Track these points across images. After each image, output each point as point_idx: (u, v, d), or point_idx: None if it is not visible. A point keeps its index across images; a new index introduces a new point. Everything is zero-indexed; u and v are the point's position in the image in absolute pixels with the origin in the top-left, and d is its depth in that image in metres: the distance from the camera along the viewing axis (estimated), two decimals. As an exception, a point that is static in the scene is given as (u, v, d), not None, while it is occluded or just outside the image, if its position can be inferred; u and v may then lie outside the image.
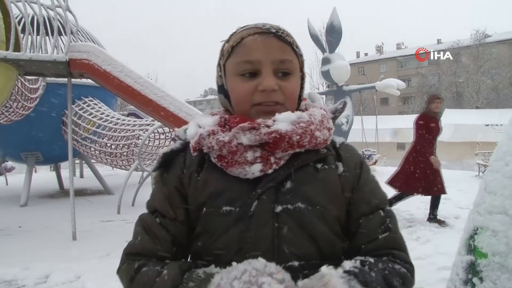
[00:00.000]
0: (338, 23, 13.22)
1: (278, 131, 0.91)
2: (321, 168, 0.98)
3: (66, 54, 5.67)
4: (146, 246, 0.96)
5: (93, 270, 4.40)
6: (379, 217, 0.98)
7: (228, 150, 0.92)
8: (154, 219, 0.99)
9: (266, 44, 0.97)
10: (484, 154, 13.63)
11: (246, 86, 0.97)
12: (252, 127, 0.91)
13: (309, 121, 0.95)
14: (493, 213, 1.19)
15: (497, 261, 1.13)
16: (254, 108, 0.97)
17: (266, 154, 0.92)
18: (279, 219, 0.91)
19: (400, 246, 0.97)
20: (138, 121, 9.39)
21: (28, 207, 8.70)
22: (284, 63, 0.98)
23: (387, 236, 0.96)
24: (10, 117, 7.66)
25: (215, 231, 0.93)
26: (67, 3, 5.90)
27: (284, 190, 0.94)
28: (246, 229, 0.91)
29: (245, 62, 0.97)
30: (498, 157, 1.29)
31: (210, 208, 0.94)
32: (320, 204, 0.94)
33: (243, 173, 0.93)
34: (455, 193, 8.98)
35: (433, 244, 5.20)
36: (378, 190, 1.04)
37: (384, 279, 0.87)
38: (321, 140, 0.97)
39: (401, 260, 0.93)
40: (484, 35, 46.08)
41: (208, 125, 0.97)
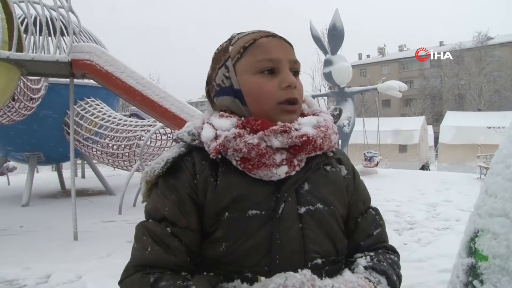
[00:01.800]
0: (340, 24, 13.23)
1: (307, 135, 0.95)
2: (330, 170, 1.04)
3: (69, 55, 5.69)
4: (159, 258, 0.91)
5: (94, 270, 4.40)
6: (371, 215, 1.09)
7: (257, 153, 0.92)
8: (164, 228, 0.94)
9: (282, 44, 1.02)
10: (486, 157, 13.61)
11: (269, 83, 0.98)
12: (284, 130, 0.93)
13: (326, 125, 1.01)
14: (494, 215, 1.19)
15: (498, 264, 1.13)
16: (278, 107, 0.98)
17: (291, 157, 0.96)
18: (302, 220, 0.95)
19: (387, 238, 1.10)
20: (140, 122, 9.41)
21: (29, 207, 8.72)
22: (296, 63, 1.03)
23: (379, 231, 1.08)
24: (12, 117, 7.68)
25: (241, 235, 0.91)
26: (70, 3, 5.92)
27: (303, 192, 0.97)
28: (274, 230, 0.92)
29: (267, 60, 0.99)
30: (499, 160, 1.29)
31: (234, 213, 0.92)
32: (333, 204, 1.00)
33: (269, 175, 0.93)
34: (456, 196, 8.96)
35: (434, 246, 5.19)
36: (367, 191, 1.15)
37: (390, 266, 1.00)
38: (334, 144, 1.03)
39: (392, 251, 1.08)
40: (487, 37, 46.01)
41: (226, 127, 0.96)
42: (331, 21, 13.39)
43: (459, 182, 12.05)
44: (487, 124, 19.55)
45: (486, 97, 41.74)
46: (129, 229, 6.35)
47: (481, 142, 17.45)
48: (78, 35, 7.52)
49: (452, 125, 21.29)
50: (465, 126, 20.53)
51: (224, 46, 1.07)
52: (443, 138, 21.52)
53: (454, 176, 13.79)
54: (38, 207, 8.64)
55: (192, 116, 5.58)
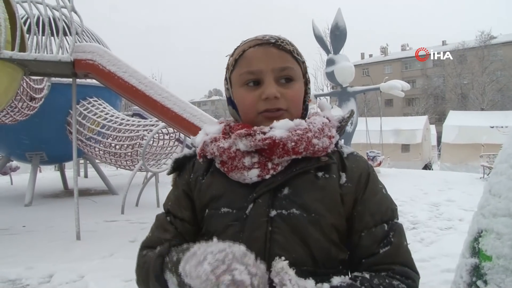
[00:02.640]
0: (343, 24, 13.21)
1: (272, 138, 0.94)
2: (322, 176, 0.99)
3: (71, 55, 5.69)
4: (156, 240, 1.03)
5: (97, 270, 4.41)
6: (382, 231, 0.97)
7: (228, 156, 0.97)
8: (165, 217, 1.07)
9: (266, 54, 1.01)
10: (489, 156, 13.58)
11: (250, 95, 1.01)
12: (248, 133, 0.95)
13: (307, 128, 0.98)
14: (498, 215, 1.19)
15: (502, 264, 1.13)
16: (260, 116, 1.01)
17: (264, 160, 0.96)
18: (273, 223, 0.94)
19: (403, 260, 0.95)
20: (142, 122, 9.41)
21: (32, 206, 8.73)
22: (284, 70, 1.02)
23: (388, 250, 0.94)
24: (15, 117, 7.70)
25: (215, 231, 0.98)
26: (72, 3, 5.92)
27: (281, 196, 0.96)
28: (240, 230, 0.95)
29: (248, 73, 1.02)
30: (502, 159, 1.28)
31: (211, 210, 1.00)
32: (316, 211, 0.95)
33: (242, 177, 0.97)
34: (459, 195, 8.95)
35: (437, 246, 5.19)
36: (385, 202, 1.02)
37: None
38: (320, 148, 0.97)
39: (402, 276, 0.92)
40: (489, 36, 45.90)
41: (213, 132, 1.03)
42: (333, 21, 13.36)
43: (462, 181, 12.04)
44: (490, 123, 19.51)
45: (489, 96, 41.62)
46: (131, 229, 6.37)
47: (484, 142, 17.40)
48: (80, 35, 7.52)
49: (454, 124, 21.26)
50: (468, 125, 20.50)
51: (229, 56, 1.10)
52: (446, 137, 21.49)
53: (457, 176, 13.78)
54: (40, 207, 8.66)
55: (195, 115, 5.58)
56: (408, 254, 0.98)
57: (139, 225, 6.53)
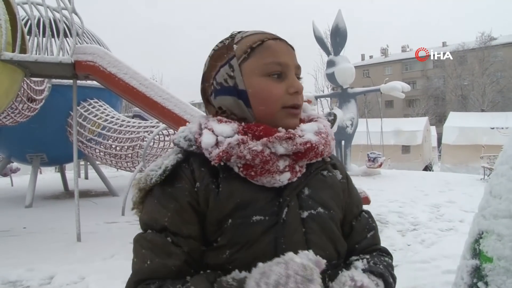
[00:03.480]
0: (343, 25, 13.23)
1: (311, 141, 0.96)
2: (327, 174, 1.06)
3: (72, 56, 5.69)
4: (159, 270, 0.88)
5: (98, 271, 4.40)
6: (364, 218, 1.12)
7: (261, 160, 0.91)
8: (164, 238, 0.91)
9: (288, 49, 1.02)
10: (489, 157, 13.57)
11: (277, 87, 0.97)
12: (289, 137, 0.94)
13: (327, 131, 1.03)
14: (499, 217, 1.19)
15: (503, 266, 1.13)
16: (283, 111, 0.98)
17: (293, 163, 0.96)
18: (305, 224, 0.96)
19: (380, 240, 1.13)
20: (143, 123, 9.42)
21: (33, 208, 8.73)
22: (299, 69, 1.04)
23: (373, 234, 1.10)
24: (16, 119, 7.70)
25: (246, 241, 0.90)
26: (73, 5, 5.93)
27: (304, 197, 0.98)
28: (279, 235, 0.92)
29: (276, 63, 0.98)
30: (503, 161, 1.28)
31: (238, 219, 0.91)
32: (332, 208, 1.02)
33: (272, 181, 0.93)
34: (459, 196, 8.95)
35: (438, 247, 5.18)
36: (359, 194, 1.17)
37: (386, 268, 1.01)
38: (331, 150, 1.05)
39: (387, 253, 1.10)
40: (490, 37, 45.93)
41: (227, 133, 0.94)
42: (334, 22, 13.40)
43: (463, 183, 12.03)
44: (490, 124, 19.53)
45: (490, 97, 41.65)
46: (132, 230, 6.32)
47: (485, 143, 17.40)
48: (81, 37, 7.53)
49: (455, 125, 21.27)
50: (468, 126, 20.51)
51: (226, 43, 1.03)
52: (446, 138, 21.50)
53: (458, 177, 13.77)
54: (41, 208, 8.65)
55: (195, 117, 5.59)
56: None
57: (139, 227, 6.49)
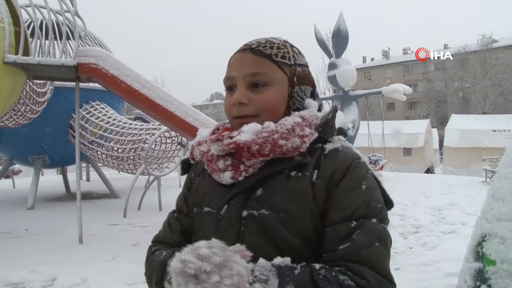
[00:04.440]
0: (345, 28, 13.22)
1: (236, 142, 0.97)
2: (295, 175, 0.97)
3: (74, 59, 5.71)
4: (164, 236, 1.17)
5: (99, 273, 4.41)
6: (346, 228, 0.91)
7: (207, 159, 1.05)
8: (173, 214, 1.20)
9: (240, 60, 1.06)
10: (491, 160, 13.54)
11: (228, 100, 1.08)
12: (217, 138, 1.00)
13: (274, 130, 0.98)
14: (502, 220, 1.19)
15: (506, 269, 1.13)
16: (235, 121, 1.06)
17: (237, 163, 1.00)
18: (244, 223, 0.98)
19: (365, 261, 0.87)
20: (144, 125, 9.43)
21: (34, 210, 8.74)
22: (256, 75, 1.02)
23: (347, 247, 0.89)
24: (18, 121, 7.71)
25: (198, 229, 1.09)
26: (76, 8, 5.95)
27: (254, 197, 0.99)
28: (215, 229, 1.01)
29: (226, 79, 1.08)
30: (506, 164, 1.28)
31: (198, 208, 1.10)
32: (287, 211, 0.94)
33: (220, 179, 1.03)
34: (461, 199, 8.94)
35: (440, 250, 5.17)
36: (361, 199, 0.95)
37: (312, 280, 0.83)
38: (289, 148, 0.96)
39: (356, 274, 0.85)
40: (491, 40, 45.87)
41: (203, 136, 1.10)
42: (335, 25, 13.38)
43: (464, 185, 12.01)
44: (492, 127, 19.48)
45: (491, 100, 41.57)
46: (134, 232, 6.37)
47: (486, 145, 17.38)
48: (83, 39, 7.56)
49: (457, 128, 21.22)
50: (470, 129, 20.46)
51: None
52: (448, 141, 21.45)
53: (459, 180, 13.75)
54: (43, 210, 8.66)
55: (197, 119, 5.60)
56: (376, 256, 0.89)
57: (141, 229, 6.53)
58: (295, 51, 1.10)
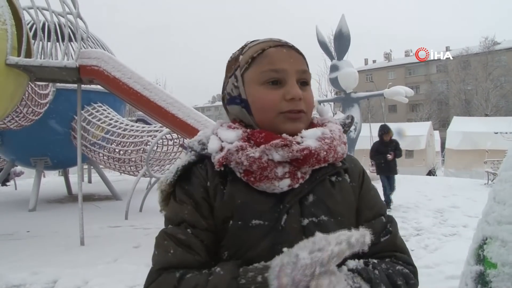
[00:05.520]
0: (347, 30, 13.23)
1: (309, 148, 0.94)
2: (336, 180, 1.02)
3: (76, 61, 5.73)
4: (182, 258, 0.92)
5: (101, 275, 4.40)
6: (380, 223, 1.03)
7: (258, 166, 0.94)
8: (184, 230, 0.95)
9: (290, 55, 1.02)
10: (493, 162, 13.52)
11: (273, 94, 0.99)
12: (285, 144, 0.93)
13: (332, 137, 1.00)
14: (503, 223, 1.19)
15: (507, 272, 1.13)
16: (281, 116, 0.99)
17: (294, 169, 0.96)
18: (306, 232, 0.94)
19: (402, 248, 1.02)
20: (146, 127, 9.44)
21: (36, 212, 8.76)
22: (304, 73, 1.03)
23: (388, 239, 1.01)
24: (20, 122, 7.73)
25: (243, 244, 0.93)
26: (78, 10, 5.97)
27: (308, 204, 0.97)
28: (277, 242, 0.92)
29: (271, 71, 0.99)
30: (507, 167, 1.28)
31: (238, 222, 0.94)
32: (341, 214, 0.99)
33: (271, 187, 0.94)
34: (463, 201, 8.92)
35: (442, 253, 5.17)
36: (378, 198, 1.10)
37: (387, 277, 0.91)
38: (341, 155, 1.02)
39: (404, 262, 0.98)
40: (493, 42, 45.84)
41: (231, 139, 0.98)
42: (337, 27, 13.39)
43: (466, 187, 12.00)
44: (494, 129, 19.42)
45: (493, 102, 41.53)
46: (135, 234, 6.37)
47: (488, 148, 17.32)
48: (86, 41, 7.58)
49: (459, 130, 21.17)
50: (472, 131, 20.41)
51: (235, 55, 1.08)
52: (450, 143, 21.40)
53: (461, 182, 13.73)
54: (45, 212, 8.68)
55: (199, 121, 5.60)
56: (404, 244, 1.04)
57: (143, 231, 6.54)
58: None
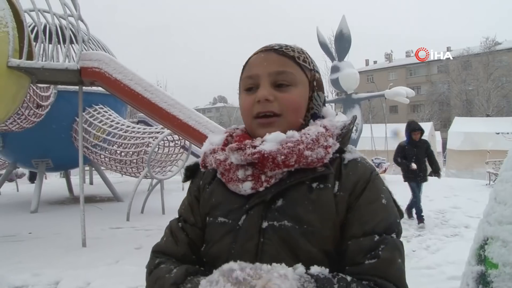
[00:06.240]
0: (347, 31, 13.24)
1: (261, 152, 0.94)
2: (316, 187, 0.95)
3: (78, 63, 5.74)
4: (168, 246, 1.06)
5: (103, 277, 4.41)
6: (370, 242, 0.90)
7: (223, 168, 1.00)
8: (177, 223, 1.10)
9: (265, 59, 1.04)
10: (495, 163, 13.51)
11: (247, 99, 1.04)
12: (239, 147, 0.96)
13: (299, 140, 0.95)
14: (503, 223, 1.19)
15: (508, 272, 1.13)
16: (255, 121, 1.03)
17: (258, 173, 0.96)
18: (265, 235, 0.94)
19: (390, 277, 0.88)
20: (147, 129, 9.45)
21: (38, 213, 8.77)
22: (281, 74, 1.02)
23: (374, 263, 0.88)
24: (22, 124, 7.75)
25: (211, 239, 1.01)
26: (79, 12, 5.99)
27: (274, 208, 0.95)
28: (233, 241, 0.96)
29: (247, 77, 1.05)
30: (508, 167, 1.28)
31: (211, 218, 1.03)
32: (310, 223, 0.92)
33: (238, 189, 0.98)
34: (465, 202, 8.92)
35: (443, 253, 5.16)
36: (381, 213, 0.94)
37: None
38: (314, 159, 0.94)
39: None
40: (494, 42, 45.78)
41: (215, 142, 1.06)
42: (338, 28, 13.40)
43: (468, 188, 11.98)
44: (495, 129, 19.39)
45: (495, 102, 41.47)
46: (137, 236, 6.38)
47: (490, 148, 17.29)
48: (87, 43, 7.59)
49: (460, 131, 21.14)
50: (473, 132, 20.37)
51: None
52: (451, 144, 21.36)
53: (463, 182, 13.72)
54: (46, 214, 8.69)
55: (200, 123, 5.61)
56: (399, 273, 0.90)
57: (144, 232, 6.55)
58: (311, 58, 1.11)
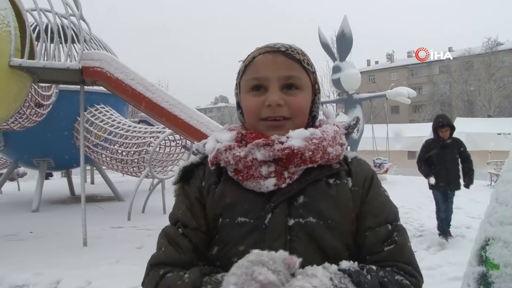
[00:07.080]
0: (349, 31, 13.23)
1: (291, 147, 0.95)
2: (333, 183, 1.00)
3: (79, 62, 5.75)
4: (170, 256, 1.00)
5: (104, 276, 4.42)
6: (385, 231, 0.98)
7: (244, 165, 0.97)
8: (176, 229, 1.02)
9: (274, 61, 1.03)
10: (496, 163, 13.49)
11: (254, 101, 1.03)
12: (267, 143, 0.96)
13: (322, 137, 0.99)
14: (505, 224, 1.19)
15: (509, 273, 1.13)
16: (262, 123, 1.03)
17: (280, 169, 0.97)
18: (291, 232, 0.95)
19: (407, 259, 0.96)
20: (149, 128, 9.45)
21: (39, 212, 8.78)
22: (291, 78, 1.03)
23: (392, 248, 0.95)
24: (24, 124, 7.75)
25: (230, 241, 0.97)
26: (81, 12, 5.99)
27: (297, 204, 0.97)
28: (260, 240, 0.95)
29: (254, 79, 1.04)
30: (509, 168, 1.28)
31: (226, 219, 0.98)
32: (332, 218, 0.96)
33: (258, 186, 0.97)
34: (466, 203, 8.89)
35: (444, 254, 5.16)
36: (387, 205, 1.04)
37: (380, 284, 0.87)
38: (334, 156, 0.99)
39: (406, 273, 0.93)
40: (496, 43, 45.73)
41: (225, 140, 1.02)
42: (339, 28, 13.40)
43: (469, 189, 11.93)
44: (497, 130, 19.39)
45: (496, 103, 41.42)
46: (138, 235, 6.38)
47: (491, 149, 17.29)
48: (88, 43, 7.60)
49: (461, 131, 21.05)
50: (475, 132, 20.38)
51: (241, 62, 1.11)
52: (453, 144, 21.35)
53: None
54: (48, 213, 8.70)
55: (201, 122, 5.61)
56: (412, 255, 0.98)
57: (145, 232, 6.55)
58: (311, 60, 1.11)
